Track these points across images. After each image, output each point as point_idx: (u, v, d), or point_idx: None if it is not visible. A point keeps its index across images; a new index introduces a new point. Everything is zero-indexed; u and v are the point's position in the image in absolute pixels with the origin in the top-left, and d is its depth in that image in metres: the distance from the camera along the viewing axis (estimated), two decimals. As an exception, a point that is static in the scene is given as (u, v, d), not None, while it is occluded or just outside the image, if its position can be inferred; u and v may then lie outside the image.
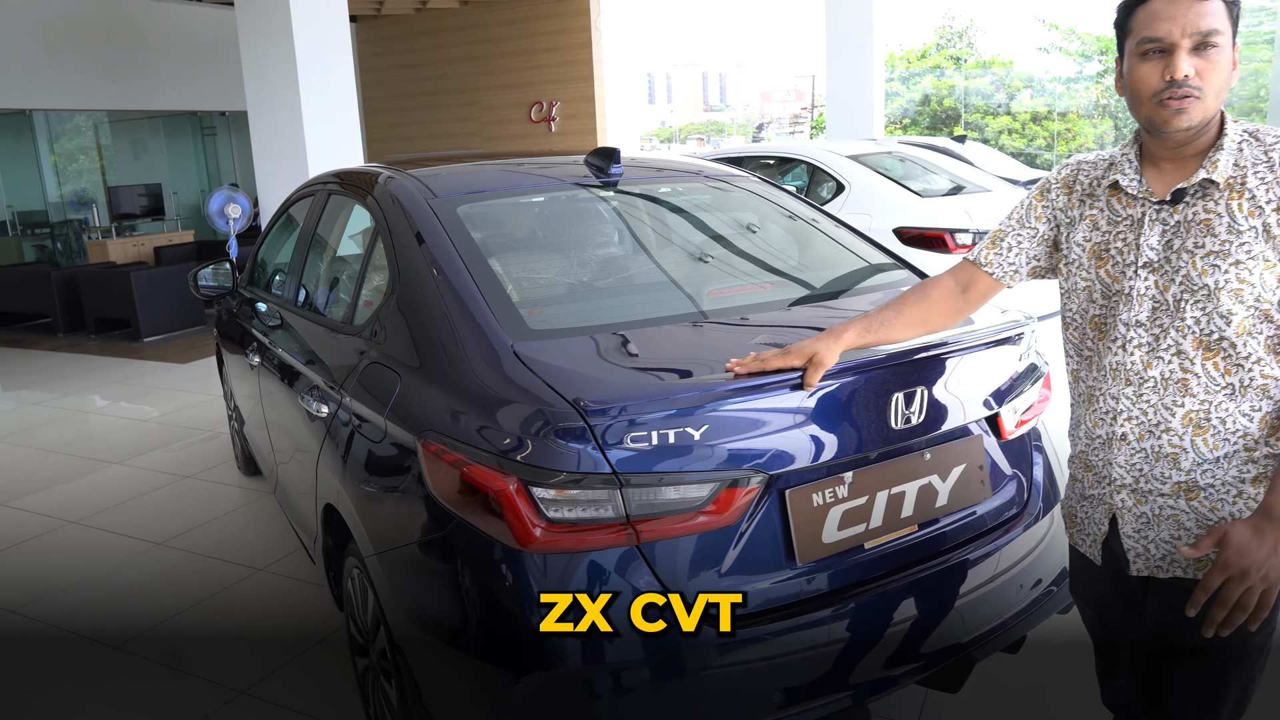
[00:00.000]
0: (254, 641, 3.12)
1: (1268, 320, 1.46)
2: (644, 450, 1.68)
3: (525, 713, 1.74)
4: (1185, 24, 1.41)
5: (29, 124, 12.38)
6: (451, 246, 2.20)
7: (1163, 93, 1.44)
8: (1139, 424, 1.55)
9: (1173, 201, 1.50)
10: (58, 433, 5.87)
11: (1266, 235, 1.43)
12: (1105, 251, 1.59)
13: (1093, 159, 1.68)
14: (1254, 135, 1.49)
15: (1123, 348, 1.55)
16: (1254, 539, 1.37)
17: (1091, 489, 1.66)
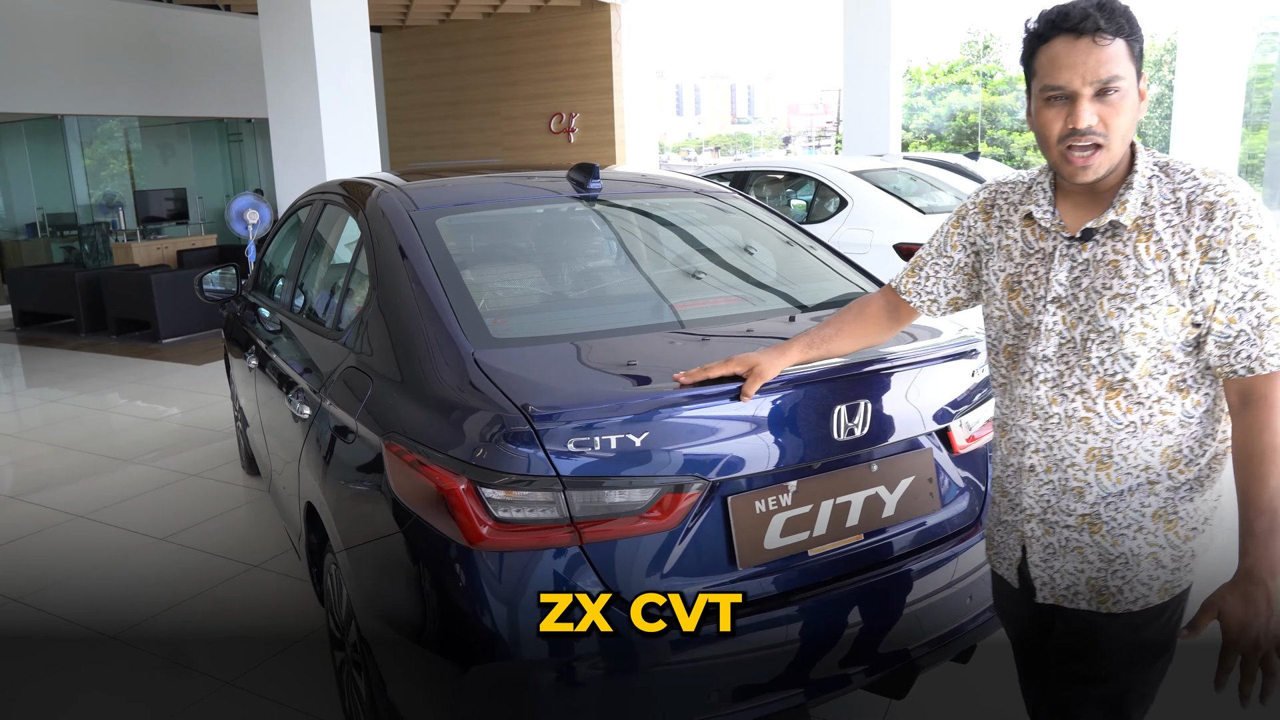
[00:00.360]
0: (244, 635, 3.22)
1: (1169, 361, 1.48)
2: (588, 455, 1.75)
3: (473, 703, 1.82)
4: (1086, 72, 1.40)
5: (60, 129, 12.68)
6: (426, 257, 2.30)
7: (1067, 138, 1.44)
8: (1045, 457, 1.57)
9: (1082, 239, 1.51)
10: (73, 430, 6.03)
11: (1171, 280, 1.43)
12: (1017, 283, 1.60)
13: (1012, 182, 1.68)
14: (1164, 170, 1.49)
15: (1030, 381, 1.57)
16: (1247, 609, 1.36)
17: (1006, 515, 1.70)
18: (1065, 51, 1.42)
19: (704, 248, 2.85)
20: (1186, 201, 1.44)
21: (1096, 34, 1.39)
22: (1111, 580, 1.56)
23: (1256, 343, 1.42)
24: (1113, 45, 1.40)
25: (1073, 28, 1.41)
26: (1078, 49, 1.41)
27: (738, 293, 2.59)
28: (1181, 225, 1.43)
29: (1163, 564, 1.54)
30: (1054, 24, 1.43)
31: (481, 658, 1.78)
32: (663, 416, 1.82)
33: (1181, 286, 1.43)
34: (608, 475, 1.77)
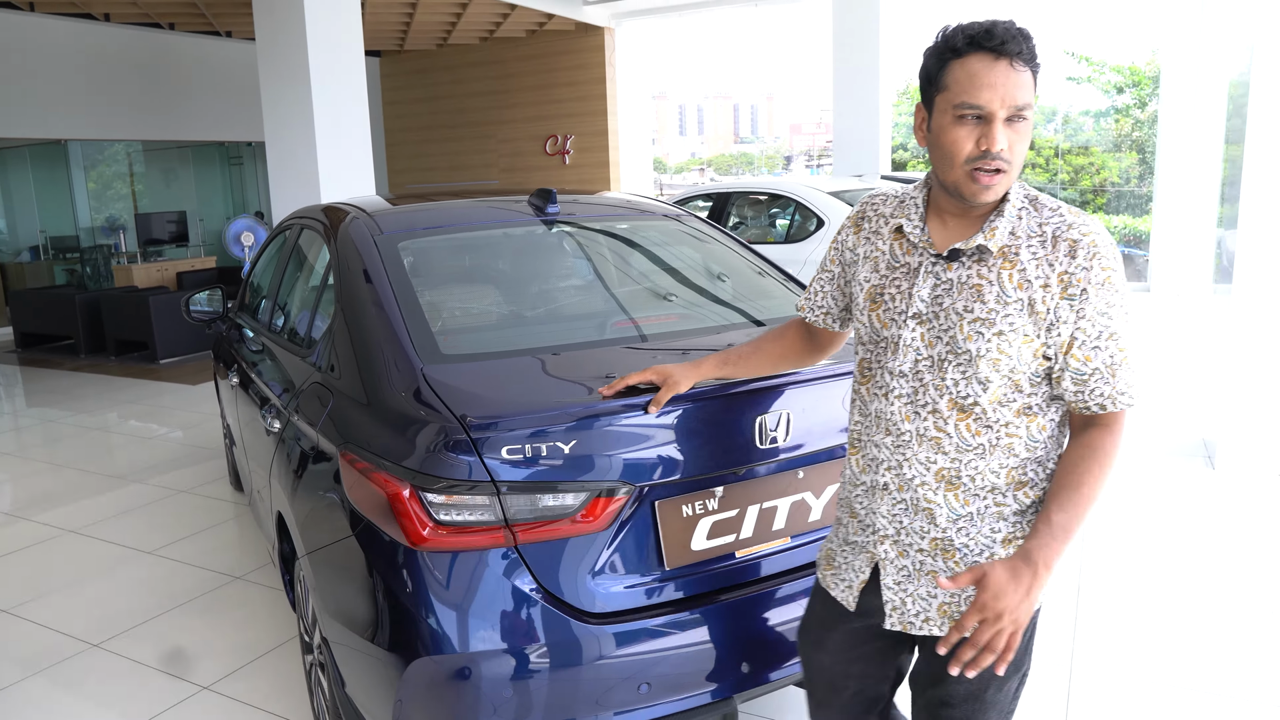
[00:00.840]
0: (223, 643, 3.35)
1: (1018, 390, 1.50)
2: (521, 461, 1.89)
3: (417, 695, 1.95)
4: (1004, 95, 1.39)
5: (64, 153, 12.91)
6: (386, 279, 2.44)
7: (976, 161, 1.43)
8: (896, 475, 1.57)
9: (949, 259, 1.52)
10: (69, 448, 6.18)
11: (1030, 310, 1.45)
12: (880, 295, 1.60)
13: (884, 195, 1.69)
14: (1034, 203, 1.51)
15: (885, 396, 1.57)
16: (1010, 582, 1.37)
17: (855, 535, 1.67)
18: (985, 70, 1.40)
19: (653, 267, 3.00)
20: (1052, 236, 1.46)
21: (1015, 59, 1.39)
22: (966, 606, 1.56)
23: (1110, 381, 1.47)
24: (1026, 73, 1.41)
25: (994, 48, 1.39)
26: (997, 70, 1.39)
27: (681, 310, 2.73)
28: (1045, 259, 1.45)
29: None
30: (975, 41, 1.41)
31: (423, 651, 1.91)
32: (593, 425, 1.95)
33: (1039, 318, 1.45)
34: (540, 480, 1.90)
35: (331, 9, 8.30)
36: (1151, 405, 5.99)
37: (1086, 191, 22.76)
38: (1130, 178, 22.25)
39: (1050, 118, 28.74)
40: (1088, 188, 23.51)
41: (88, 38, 11.30)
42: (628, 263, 3.00)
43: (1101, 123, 24.74)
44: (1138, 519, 4.10)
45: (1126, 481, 4.58)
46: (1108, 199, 22.33)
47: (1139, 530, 3.98)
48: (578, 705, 1.95)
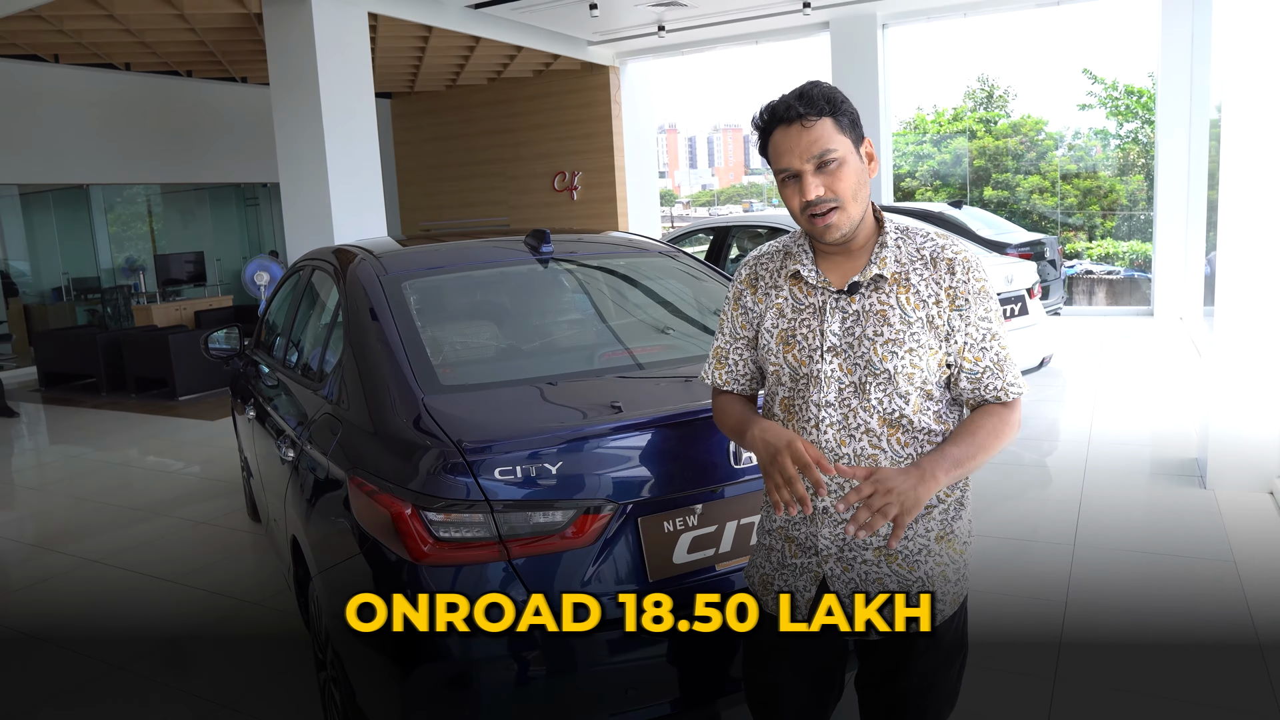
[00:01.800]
0: (241, 664, 3.51)
1: (930, 398, 1.69)
2: (513, 481, 2.06)
3: (420, 701, 2.10)
4: (801, 151, 1.61)
5: (86, 197, 13.29)
6: (390, 315, 2.63)
7: (807, 208, 1.64)
8: (838, 497, 1.68)
9: (849, 292, 1.69)
10: (92, 483, 6.39)
11: (931, 325, 1.65)
12: (792, 337, 1.73)
13: (768, 251, 1.84)
14: (905, 232, 1.72)
15: (815, 427, 1.69)
16: (899, 475, 1.55)
17: (795, 558, 1.77)
18: (783, 138, 1.64)
19: (638, 302, 3.19)
20: (931, 258, 1.68)
21: (802, 119, 1.61)
22: (914, 603, 1.71)
23: (1000, 375, 1.69)
24: (819, 124, 1.61)
25: (782, 118, 1.63)
26: (790, 134, 1.62)
27: (665, 341, 2.91)
28: (932, 279, 1.67)
29: (949, 579, 1.74)
30: (770, 118, 1.66)
31: (425, 659, 2.07)
32: (580, 448, 2.12)
33: (939, 331, 1.66)
34: (531, 499, 2.07)
35: (342, 54, 8.62)
36: (1145, 426, 6.11)
37: (1094, 215, 22.88)
38: (1138, 201, 22.34)
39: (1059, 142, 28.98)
40: (1095, 211, 23.62)
41: (109, 86, 11.70)
42: (616, 296, 3.18)
43: (1110, 146, 24.87)
44: (1128, 537, 4.22)
45: (1119, 501, 4.70)
46: (1116, 223, 22.44)
47: (1129, 548, 4.10)
48: (572, 709, 2.10)
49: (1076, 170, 26.24)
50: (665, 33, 11.99)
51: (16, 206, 13.25)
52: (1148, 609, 3.52)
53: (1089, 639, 3.30)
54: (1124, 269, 16.68)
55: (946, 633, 1.78)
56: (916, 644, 1.76)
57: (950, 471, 1.61)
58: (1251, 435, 4.68)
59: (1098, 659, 3.15)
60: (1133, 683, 2.99)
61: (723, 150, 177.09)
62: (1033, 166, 27.41)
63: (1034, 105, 26.54)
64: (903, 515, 1.55)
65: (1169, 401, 6.73)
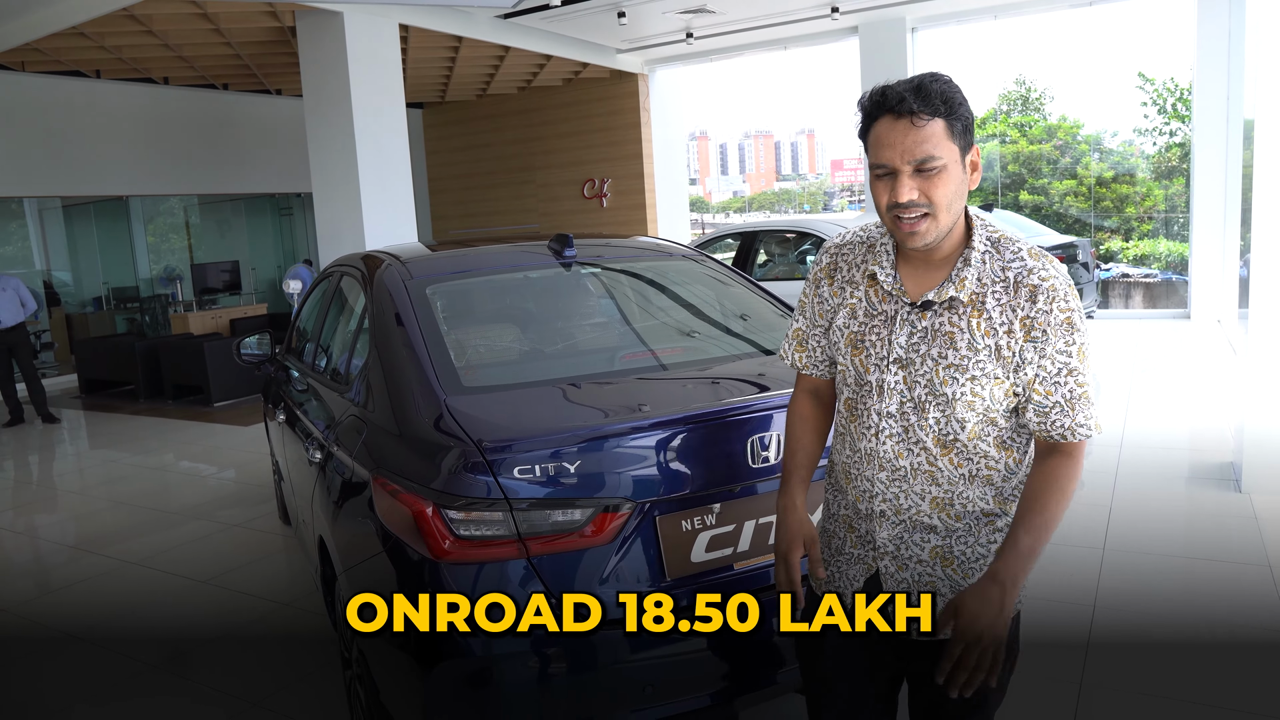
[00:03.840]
0: (272, 663, 3.57)
1: (993, 424, 1.62)
2: (532, 480, 2.09)
3: (441, 697, 2.13)
4: (904, 151, 1.50)
5: (125, 209, 13.57)
6: (415, 319, 2.68)
7: (894, 209, 1.54)
8: (893, 505, 1.67)
9: (922, 308, 1.62)
10: (129, 487, 6.52)
11: (998, 355, 1.56)
12: (861, 341, 1.68)
13: (851, 241, 1.76)
14: (995, 246, 1.60)
15: (875, 435, 1.66)
16: (982, 606, 1.47)
17: (853, 549, 1.76)
18: (887, 131, 1.52)
19: (658, 304, 3.21)
20: (1014, 281, 1.56)
21: (914, 116, 1.49)
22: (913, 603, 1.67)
23: (1069, 414, 1.57)
24: (930, 125, 1.49)
25: (892, 109, 1.51)
26: (897, 129, 1.50)
27: (687, 343, 2.93)
28: (1009, 304, 1.56)
29: None
30: (878, 104, 1.53)
31: (445, 656, 2.10)
32: (598, 447, 2.15)
33: (1006, 361, 1.56)
34: (550, 498, 2.10)
35: (374, 65, 8.74)
36: (1180, 429, 6.02)
37: (1130, 219, 22.57)
38: (1177, 204, 22.00)
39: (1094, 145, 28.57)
40: (1131, 214, 23.29)
41: (147, 100, 11.96)
42: (636, 299, 3.21)
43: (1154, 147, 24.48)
44: (1159, 541, 4.16)
45: (1150, 504, 4.64)
46: (1153, 226, 22.11)
47: (1159, 552, 4.04)
48: (591, 705, 2.12)
49: (1114, 175, 25.88)
50: (693, 40, 12.02)
51: (59, 218, 13.58)
52: (1178, 613, 3.47)
53: (1117, 643, 3.26)
54: (1160, 271, 16.43)
55: None
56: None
57: (1027, 569, 1.54)
58: (1288, 439, 4.60)
59: (1126, 663, 3.12)
60: (1161, 688, 2.95)
61: (754, 157, 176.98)
62: (1069, 171, 27.10)
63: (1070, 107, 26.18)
64: (999, 650, 1.48)
65: (1205, 405, 6.63)
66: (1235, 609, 3.47)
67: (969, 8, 11.23)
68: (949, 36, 11.98)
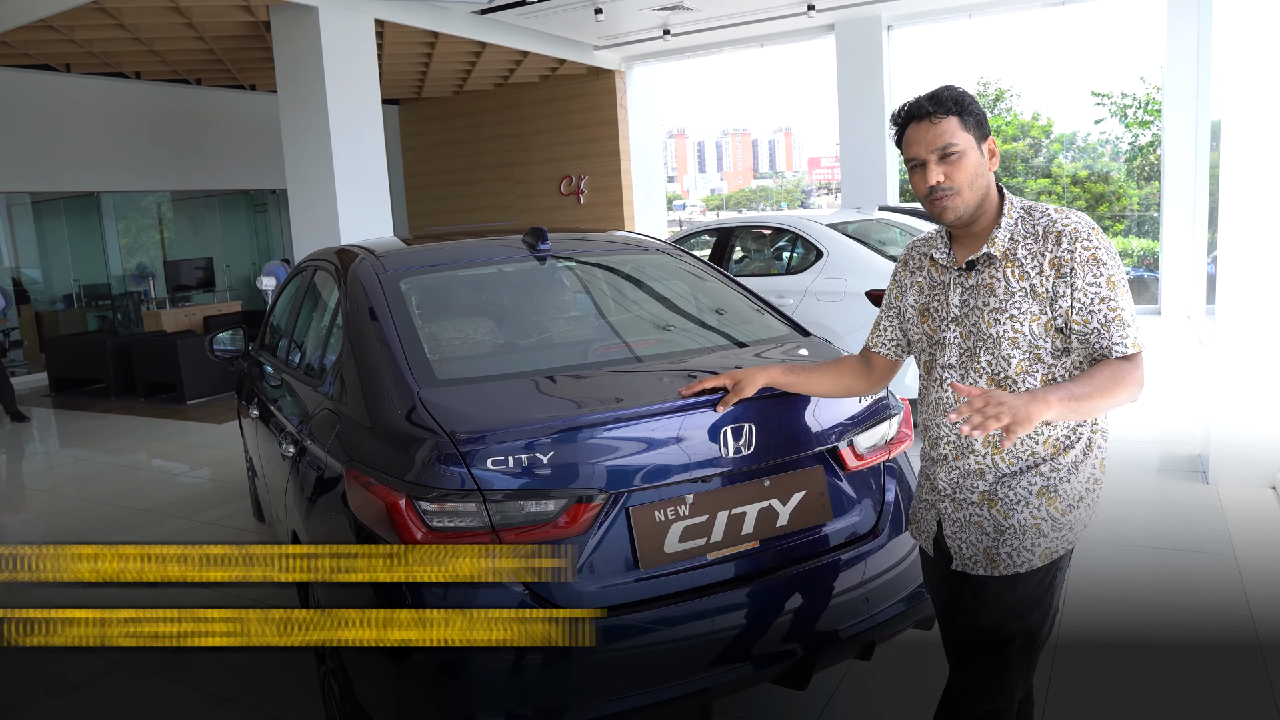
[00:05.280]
0: (245, 660, 3.54)
1: (1039, 361, 1.85)
2: (505, 471, 2.09)
3: (415, 689, 2.13)
4: (928, 143, 1.87)
5: (97, 205, 13.41)
6: (388, 312, 2.67)
7: (929, 195, 1.89)
8: (954, 446, 1.93)
9: (967, 269, 1.93)
10: (101, 485, 6.45)
11: (1033, 294, 1.84)
12: (928, 310, 2.02)
13: (922, 237, 2.11)
14: (1028, 212, 1.91)
15: (940, 386, 1.96)
16: (1016, 396, 1.67)
17: (927, 495, 2.05)
18: (914, 132, 1.90)
19: (630, 298, 3.22)
20: (1042, 232, 1.86)
21: (931, 116, 1.87)
22: (1002, 548, 1.89)
23: (1107, 334, 1.80)
24: (945, 121, 1.86)
25: (915, 115, 1.90)
26: (920, 129, 1.89)
27: (660, 336, 2.94)
28: (1038, 250, 1.85)
29: (1044, 533, 1.88)
30: (907, 115, 1.92)
31: (419, 648, 2.09)
32: (572, 439, 2.15)
33: (1041, 298, 1.83)
34: (523, 489, 2.10)
35: (349, 61, 8.68)
36: (1152, 424, 6.10)
37: (1105, 218, 22.85)
38: (1150, 204, 22.29)
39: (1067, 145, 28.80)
40: (1104, 213, 23.57)
41: (119, 95, 11.81)
42: (609, 293, 3.21)
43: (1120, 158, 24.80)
44: (1130, 531, 4.22)
45: (1121, 495, 4.70)
46: (1126, 225, 22.39)
47: (1130, 542, 4.10)
48: (565, 695, 2.12)
49: (1088, 174, 26.15)
50: (671, 37, 12.03)
51: (29, 214, 13.38)
52: (1147, 601, 3.52)
53: (1088, 630, 3.30)
54: (1132, 268, 16.63)
55: (1027, 583, 1.89)
56: (994, 585, 1.90)
57: (1064, 401, 1.70)
58: (1253, 432, 4.67)
59: (1097, 649, 3.16)
60: (1129, 673, 3.00)
61: (731, 154, 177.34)
62: (1043, 170, 27.33)
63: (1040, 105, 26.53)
64: (1014, 425, 1.63)
65: (1174, 398, 6.72)
66: (1201, 596, 3.53)
67: (944, 6, 11.31)
68: (924, 35, 12.09)
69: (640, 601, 2.19)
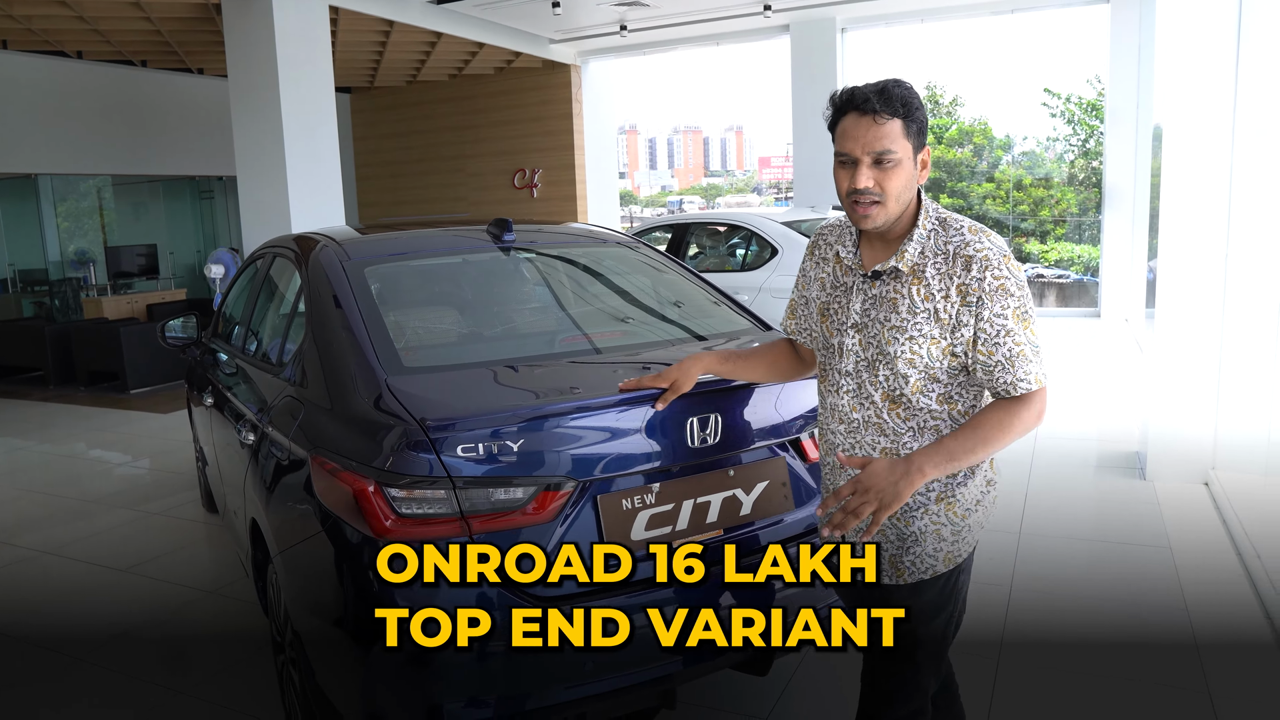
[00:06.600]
0: (197, 652, 3.50)
1: (935, 381, 1.81)
2: (474, 459, 2.10)
3: (381, 677, 2.14)
4: (865, 143, 1.73)
5: (34, 187, 13.00)
6: (353, 300, 2.66)
7: (851, 195, 1.77)
8: (849, 455, 1.89)
9: (872, 278, 1.85)
10: (40, 475, 6.28)
11: (935, 318, 1.77)
12: (828, 310, 1.95)
13: (831, 224, 2.00)
14: (942, 224, 1.81)
15: (836, 392, 1.92)
16: (887, 470, 1.72)
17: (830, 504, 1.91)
18: (852, 126, 1.75)
19: (595, 289, 3.24)
20: (953, 253, 1.77)
21: (876, 114, 1.72)
22: (905, 556, 1.87)
23: (1010, 370, 1.76)
24: (889, 124, 1.72)
25: (857, 107, 1.74)
26: (861, 125, 1.74)
27: (624, 328, 2.97)
28: (947, 273, 1.76)
29: (944, 538, 1.86)
30: (847, 101, 1.76)
31: (383, 635, 2.09)
32: (539, 427, 2.17)
33: (944, 324, 1.77)
34: (493, 476, 2.12)
35: (303, 47, 8.54)
36: (1091, 422, 6.29)
37: (1046, 222, 23.37)
38: (1088, 209, 22.88)
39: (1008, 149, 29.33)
40: (1046, 218, 24.10)
41: (60, 74, 11.45)
42: (575, 284, 3.24)
43: (1062, 157, 25.39)
44: (1071, 526, 4.36)
45: (1063, 491, 4.85)
46: (1067, 229, 22.95)
47: (1071, 536, 4.24)
48: (530, 682, 2.14)
49: (1031, 180, 26.72)
50: (627, 32, 12.04)
51: (-39, 196, 12.94)
52: (1088, 592, 3.65)
53: (1033, 620, 3.42)
54: (1076, 274, 17.06)
55: (931, 588, 1.88)
56: (898, 594, 1.88)
57: (941, 465, 1.74)
58: (1188, 431, 4.86)
59: (1040, 639, 3.27)
60: (1071, 662, 3.11)
61: (683, 152, 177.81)
62: (987, 175, 27.86)
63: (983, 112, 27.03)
64: (880, 511, 1.69)
65: (1113, 398, 6.94)
66: (1138, 587, 3.67)
67: (897, 10, 11.50)
68: (877, 38, 12.24)
69: (606, 588, 2.21)
